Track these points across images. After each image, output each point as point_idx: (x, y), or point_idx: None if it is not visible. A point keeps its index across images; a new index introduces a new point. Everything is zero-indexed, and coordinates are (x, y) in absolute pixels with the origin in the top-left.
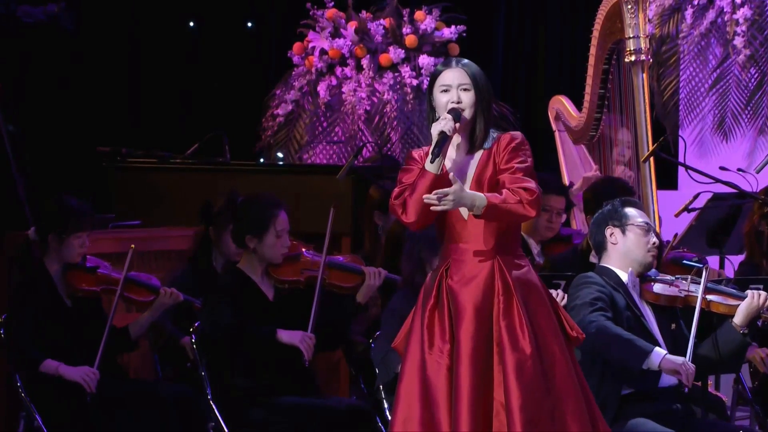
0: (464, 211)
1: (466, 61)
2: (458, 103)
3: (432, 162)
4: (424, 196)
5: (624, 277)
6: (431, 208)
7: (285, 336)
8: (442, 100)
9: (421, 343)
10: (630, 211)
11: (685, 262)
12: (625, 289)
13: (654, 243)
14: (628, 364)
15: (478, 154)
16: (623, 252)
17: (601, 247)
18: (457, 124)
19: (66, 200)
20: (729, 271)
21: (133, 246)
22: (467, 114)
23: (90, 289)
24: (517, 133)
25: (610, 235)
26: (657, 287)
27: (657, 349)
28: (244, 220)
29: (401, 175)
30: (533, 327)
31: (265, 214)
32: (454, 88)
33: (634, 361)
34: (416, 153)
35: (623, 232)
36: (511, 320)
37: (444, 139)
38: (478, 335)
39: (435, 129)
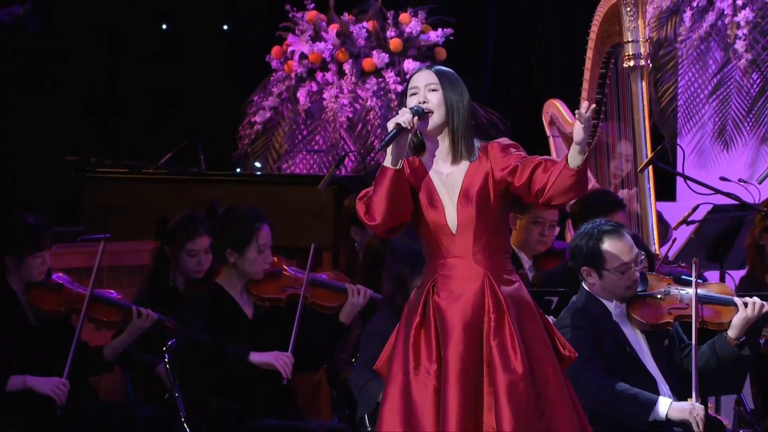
0: (452, 224)
1: (441, 67)
2: (424, 103)
3: (381, 150)
4: (577, 111)
5: (610, 306)
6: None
7: (258, 357)
8: (411, 102)
9: (405, 364)
10: (608, 250)
11: (684, 278)
12: (611, 323)
13: (636, 280)
14: (635, 420)
15: (464, 166)
16: (601, 288)
17: (581, 278)
18: (416, 119)
19: (21, 219)
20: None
21: (103, 239)
22: (437, 115)
23: (54, 309)
24: (504, 138)
25: (587, 275)
26: (644, 314)
27: (661, 399)
28: (224, 232)
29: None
30: (526, 346)
31: (248, 228)
32: (421, 88)
33: (640, 415)
34: None
35: (600, 276)
36: (503, 339)
37: (398, 131)
38: (467, 355)
39: (390, 122)
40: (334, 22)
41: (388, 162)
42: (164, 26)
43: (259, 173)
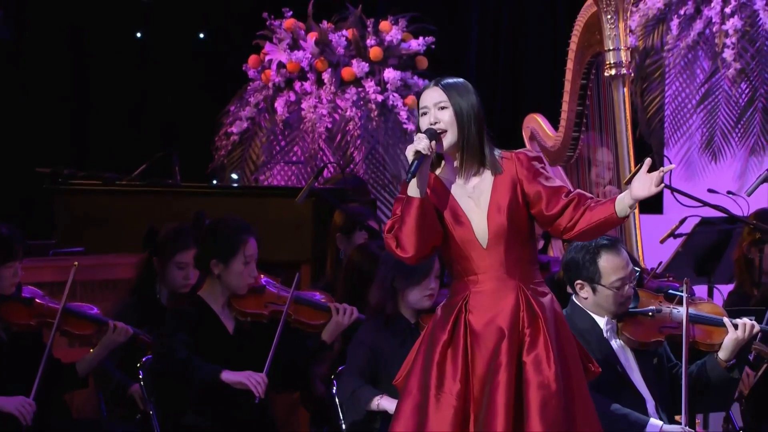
0: (482, 238)
1: (448, 79)
2: (436, 123)
3: (408, 182)
4: (659, 169)
5: (600, 322)
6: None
7: (230, 376)
8: (424, 123)
9: (426, 382)
10: (604, 265)
11: (671, 292)
12: (601, 339)
13: (629, 296)
14: None
15: (488, 177)
16: (594, 303)
17: (573, 291)
18: (434, 142)
19: None
20: (718, 301)
21: (76, 263)
22: (451, 134)
23: (25, 323)
24: (528, 150)
25: (580, 289)
26: (634, 331)
27: (652, 421)
28: (211, 242)
29: (395, 206)
30: (559, 359)
31: (235, 239)
32: (431, 108)
33: None
34: None
35: (593, 290)
36: (538, 355)
37: (420, 159)
38: (507, 373)
39: (409, 151)
40: (312, 30)
41: (413, 191)
42: (139, 34)
43: (235, 185)
